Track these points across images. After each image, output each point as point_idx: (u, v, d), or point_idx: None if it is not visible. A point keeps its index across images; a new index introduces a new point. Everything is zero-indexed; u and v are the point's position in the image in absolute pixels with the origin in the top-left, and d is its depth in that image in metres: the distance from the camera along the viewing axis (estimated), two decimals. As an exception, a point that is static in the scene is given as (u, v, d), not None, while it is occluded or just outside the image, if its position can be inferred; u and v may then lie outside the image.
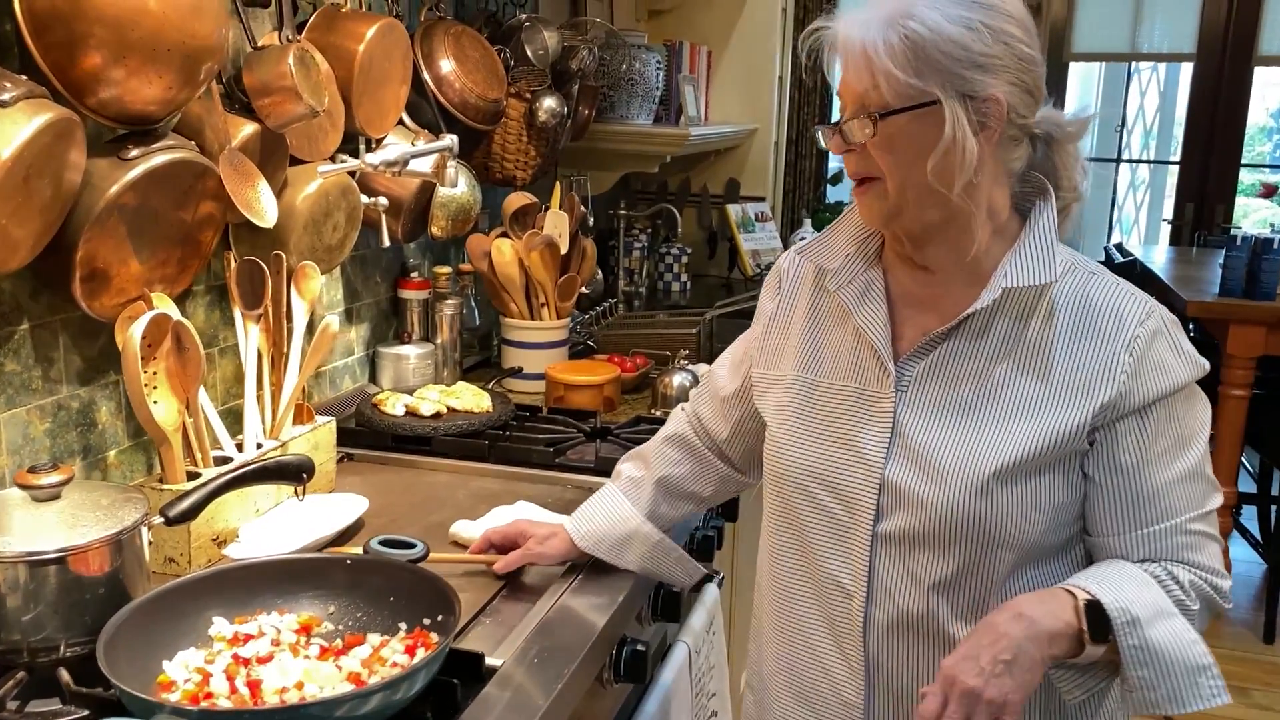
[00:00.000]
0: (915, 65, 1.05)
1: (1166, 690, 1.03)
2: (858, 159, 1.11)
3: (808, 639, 1.21)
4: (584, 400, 2.12)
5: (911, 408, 1.13)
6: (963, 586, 1.11)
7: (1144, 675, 1.03)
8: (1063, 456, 1.09)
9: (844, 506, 1.16)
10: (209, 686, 1.02)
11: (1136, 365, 1.08)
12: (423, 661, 1.02)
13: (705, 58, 3.49)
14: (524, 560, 1.38)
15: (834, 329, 1.22)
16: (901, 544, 1.12)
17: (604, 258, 3.29)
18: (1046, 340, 1.11)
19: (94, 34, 1.24)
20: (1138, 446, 1.09)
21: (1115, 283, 1.14)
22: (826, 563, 1.18)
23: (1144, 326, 1.10)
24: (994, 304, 1.11)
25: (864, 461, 1.14)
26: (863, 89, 1.08)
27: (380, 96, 1.86)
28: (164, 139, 1.39)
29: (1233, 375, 3.44)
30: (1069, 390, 1.09)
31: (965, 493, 1.08)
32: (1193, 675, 1.04)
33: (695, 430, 1.43)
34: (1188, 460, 1.10)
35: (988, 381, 1.11)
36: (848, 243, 1.23)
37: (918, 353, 1.15)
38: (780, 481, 1.22)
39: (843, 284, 1.20)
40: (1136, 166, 6.89)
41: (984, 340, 1.13)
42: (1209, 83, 5.46)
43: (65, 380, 1.44)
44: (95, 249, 1.33)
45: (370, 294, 2.16)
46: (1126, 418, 1.09)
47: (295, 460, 1.31)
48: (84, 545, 1.09)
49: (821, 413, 1.19)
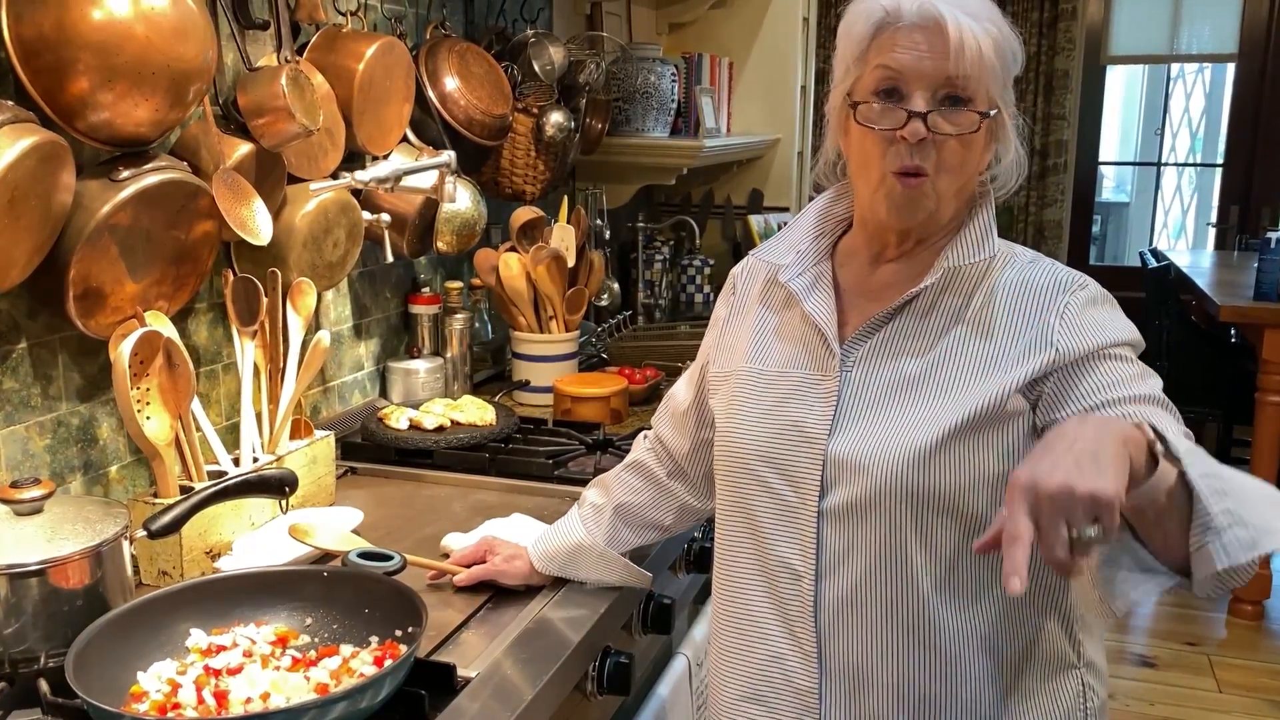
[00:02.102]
0: (1001, 65, 1.08)
1: (1259, 519, 0.87)
2: (923, 151, 1.08)
3: (760, 628, 1.19)
4: (591, 412, 2.13)
5: (855, 386, 1.14)
6: (909, 559, 1.09)
7: (1229, 507, 0.87)
8: (1004, 422, 1.08)
9: (790, 486, 1.15)
10: (176, 697, 1.04)
11: (1070, 327, 1.09)
12: (387, 670, 1.03)
13: (726, 69, 3.49)
14: (485, 575, 1.39)
15: (783, 319, 1.23)
16: (846, 518, 1.11)
17: (625, 270, 3.31)
18: (988, 315, 1.12)
19: (80, 59, 1.28)
20: (1086, 388, 1.07)
21: (1052, 265, 1.15)
22: (776, 546, 1.16)
23: (1076, 295, 1.11)
24: (937, 284, 1.13)
25: (808, 439, 1.14)
26: (959, 75, 1.05)
27: (382, 115, 1.88)
28: (155, 160, 1.43)
29: (1269, 381, 3.36)
30: (1007, 358, 1.09)
31: (904, 459, 1.07)
32: (1273, 504, 0.90)
33: (656, 455, 1.42)
34: (1146, 388, 1.07)
35: (931, 354, 1.12)
36: (800, 240, 1.24)
37: (862, 333, 1.15)
38: (729, 469, 1.22)
39: (793, 276, 1.21)
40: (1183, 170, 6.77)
41: (929, 318, 1.14)
42: (1252, 84, 5.35)
43: (65, 397, 1.47)
44: (88, 268, 1.37)
45: (380, 309, 2.19)
46: (1068, 369, 1.08)
47: (277, 474, 1.33)
48: (63, 558, 1.12)
49: (769, 398, 1.19)
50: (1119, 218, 6.92)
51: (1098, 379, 1.07)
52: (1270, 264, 3.36)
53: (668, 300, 3.32)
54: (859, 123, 1.10)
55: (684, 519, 1.43)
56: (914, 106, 1.07)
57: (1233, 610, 3.64)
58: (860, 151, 1.12)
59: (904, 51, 1.07)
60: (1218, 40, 5.48)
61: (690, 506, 1.41)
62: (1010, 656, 1.13)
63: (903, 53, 1.07)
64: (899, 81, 1.07)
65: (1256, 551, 0.86)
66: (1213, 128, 6.49)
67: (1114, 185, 7.05)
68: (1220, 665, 3.35)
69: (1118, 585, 0.92)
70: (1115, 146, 6.78)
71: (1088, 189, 5.74)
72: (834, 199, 1.26)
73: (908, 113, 1.07)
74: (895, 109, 1.08)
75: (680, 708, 1.69)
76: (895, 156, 1.08)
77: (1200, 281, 3.87)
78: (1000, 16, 1.09)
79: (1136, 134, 7.00)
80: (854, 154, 1.14)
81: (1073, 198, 5.65)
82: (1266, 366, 3.37)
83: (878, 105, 1.09)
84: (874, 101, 1.09)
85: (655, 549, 1.52)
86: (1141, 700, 3.17)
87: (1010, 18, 1.11)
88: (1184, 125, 6.65)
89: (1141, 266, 4.24)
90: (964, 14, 1.05)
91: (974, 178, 1.14)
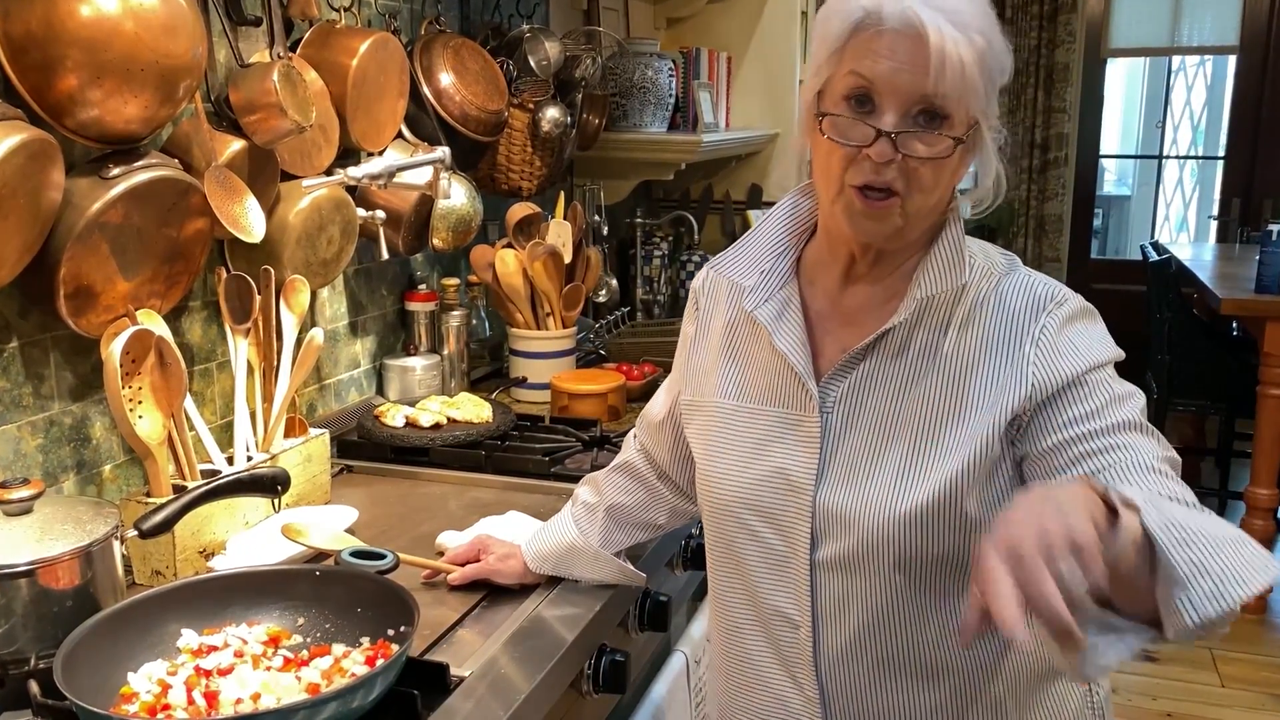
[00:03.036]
0: (985, 80, 0.99)
1: (1221, 568, 0.82)
2: (892, 169, 1.00)
3: (759, 672, 1.18)
4: (588, 409, 2.12)
5: (837, 431, 1.09)
6: (908, 608, 1.08)
7: (1193, 556, 0.81)
8: (987, 471, 1.04)
9: (780, 536, 1.12)
10: (166, 697, 1.03)
11: (1046, 355, 1.03)
12: (378, 670, 1.02)
13: (725, 64, 3.48)
14: (479, 574, 1.38)
15: (753, 350, 1.17)
16: (840, 570, 1.09)
17: (624, 266, 3.30)
18: (964, 351, 1.06)
19: (69, 56, 1.27)
20: (1064, 419, 1.02)
21: (1029, 276, 1.09)
22: (770, 595, 1.14)
23: (1052, 316, 1.05)
24: (910, 317, 1.07)
25: (794, 488, 1.10)
26: (937, 93, 0.97)
27: (376, 111, 1.87)
28: (146, 157, 1.42)
29: (1271, 374, 3.35)
30: (986, 401, 1.04)
31: (895, 518, 1.04)
32: (1236, 547, 0.84)
33: (644, 459, 1.40)
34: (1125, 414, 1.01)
35: (910, 401, 1.07)
36: (763, 256, 1.16)
37: (839, 372, 1.10)
38: (715, 512, 1.18)
39: (759, 303, 1.13)
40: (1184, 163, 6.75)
41: (903, 358, 1.08)
42: (1254, 76, 5.33)
43: (57, 397, 1.46)
44: (78, 267, 1.36)
45: (376, 307, 2.18)
46: (1045, 402, 1.03)
47: (270, 472, 1.33)
48: (53, 558, 1.11)
49: (748, 438, 1.14)
50: (1120, 211, 6.91)
51: (1075, 410, 1.02)
52: (1271, 257, 3.34)
53: (666, 296, 3.31)
54: (825, 134, 1.02)
55: (677, 518, 1.41)
56: (884, 123, 0.99)
57: (1236, 604, 3.63)
58: (823, 160, 1.04)
59: (880, 60, 0.98)
60: (1219, 32, 5.45)
61: (683, 507, 1.40)
62: (1019, 675, 1.12)
63: (878, 61, 0.98)
64: (871, 91, 0.99)
65: (1223, 603, 0.81)
66: (1214, 120, 6.47)
67: (1115, 178, 7.04)
68: (1223, 659, 3.34)
69: (1088, 652, 0.83)
70: (1116, 140, 6.77)
71: (1089, 182, 5.72)
72: (795, 202, 1.18)
73: (876, 130, 0.98)
74: (864, 124, 0.99)
75: (678, 705, 1.68)
76: (858, 172, 1.01)
77: (1201, 274, 3.86)
78: (993, 23, 1.01)
79: (1138, 127, 6.98)
80: (817, 159, 1.06)
81: (1074, 191, 5.63)
82: (1268, 359, 3.36)
83: (845, 116, 1.01)
84: (842, 111, 1.01)
85: (651, 547, 1.51)
86: (1144, 695, 3.16)
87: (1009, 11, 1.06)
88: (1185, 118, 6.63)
89: (1143, 260, 4.23)
90: (951, 24, 0.96)
91: (948, 194, 1.06)
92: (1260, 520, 3.59)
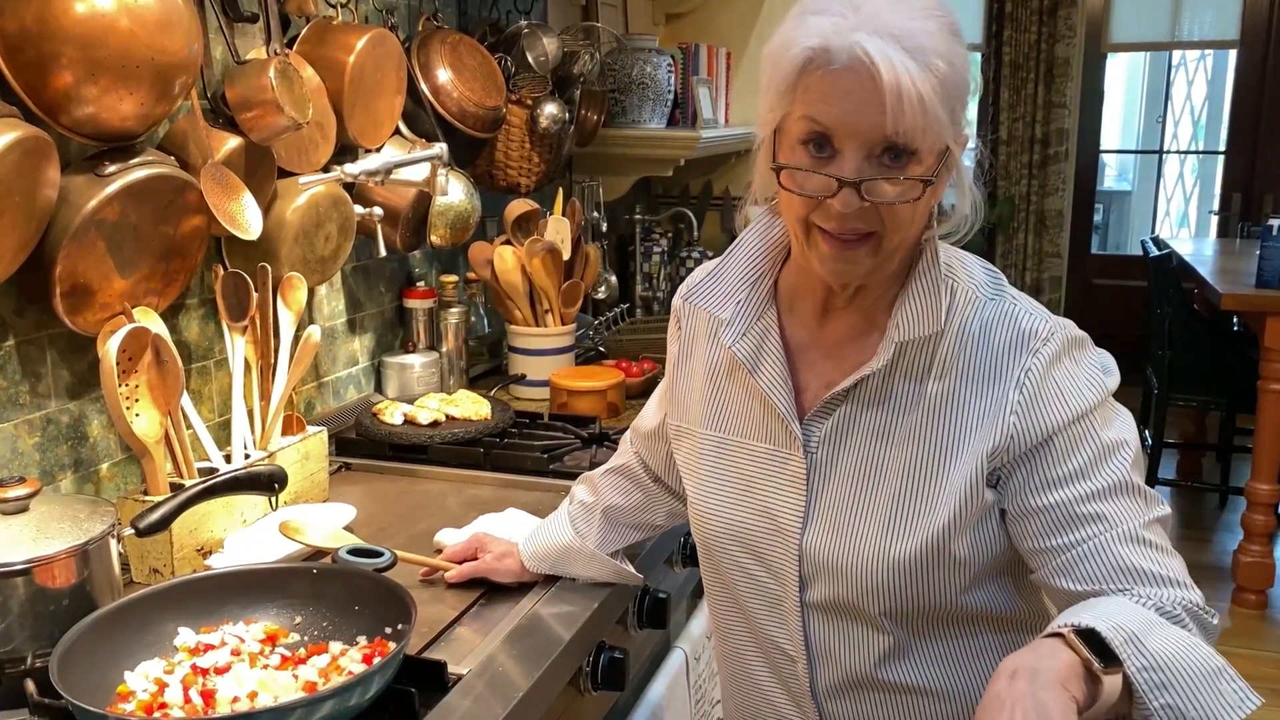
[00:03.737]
0: (949, 106, 0.92)
1: (1197, 711, 0.86)
2: (864, 215, 0.94)
3: (764, 694, 1.19)
4: (587, 406, 2.12)
5: (822, 473, 1.07)
6: (902, 647, 1.08)
7: (1169, 701, 0.86)
8: (977, 513, 1.02)
9: (771, 575, 1.12)
10: (163, 696, 1.03)
11: (1029, 402, 0.99)
12: (375, 668, 1.02)
13: (724, 59, 3.47)
14: (477, 573, 1.38)
15: (734, 385, 1.14)
16: (831, 613, 1.09)
17: (623, 263, 3.29)
18: (946, 396, 1.02)
19: (64, 53, 1.26)
20: (1047, 479, 0.99)
21: (1014, 306, 1.03)
22: (765, 628, 1.14)
23: (1038, 356, 1.00)
24: (890, 362, 1.03)
25: (781, 531, 1.09)
26: (898, 132, 0.90)
27: (374, 107, 1.87)
28: (142, 154, 1.41)
29: (1271, 369, 3.34)
30: (970, 446, 1.01)
31: (881, 570, 1.03)
32: (1214, 682, 0.89)
33: (641, 461, 1.39)
34: (1110, 473, 0.99)
35: (895, 445, 1.04)
36: (738, 286, 1.12)
37: (821, 412, 1.07)
38: (707, 546, 1.18)
39: (737, 337, 1.10)
40: (1185, 157, 6.74)
41: (886, 406, 1.05)
42: (1254, 70, 5.32)
43: (54, 395, 1.46)
44: (75, 264, 1.35)
45: (374, 304, 2.18)
46: (1026, 455, 1.00)
47: (267, 470, 1.32)
48: (49, 556, 1.11)
49: (735, 474, 1.13)
50: (1121, 206, 6.90)
51: (1059, 470, 0.99)
52: (1272, 251, 3.33)
53: (666, 293, 3.30)
54: (784, 187, 0.96)
55: (675, 518, 1.41)
56: (845, 172, 0.92)
57: (1237, 600, 3.63)
58: (788, 208, 0.98)
59: (833, 102, 0.91)
60: (1219, 26, 5.45)
61: (680, 509, 1.39)
62: None
63: (831, 104, 0.91)
64: (828, 135, 0.93)
65: None
66: (1215, 115, 6.46)
67: (1116, 173, 7.03)
68: (1224, 654, 3.33)
69: None
70: (1117, 134, 6.76)
71: (1089, 177, 5.72)
72: (768, 223, 1.12)
73: (838, 181, 0.92)
74: (823, 174, 0.93)
75: (678, 703, 1.68)
76: (825, 216, 0.95)
77: (1202, 269, 3.85)
78: (951, 40, 0.93)
79: (1138, 122, 6.97)
80: (783, 199, 0.99)
81: (1074, 186, 5.63)
82: (1268, 354, 3.35)
83: (804, 169, 0.94)
84: (800, 160, 0.95)
85: (649, 544, 1.51)
86: (1145, 690, 3.15)
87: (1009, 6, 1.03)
88: (1186, 112, 6.62)
89: (1143, 255, 4.22)
90: (904, 53, 0.89)
91: (922, 227, 1.01)
92: (1261, 515, 3.58)
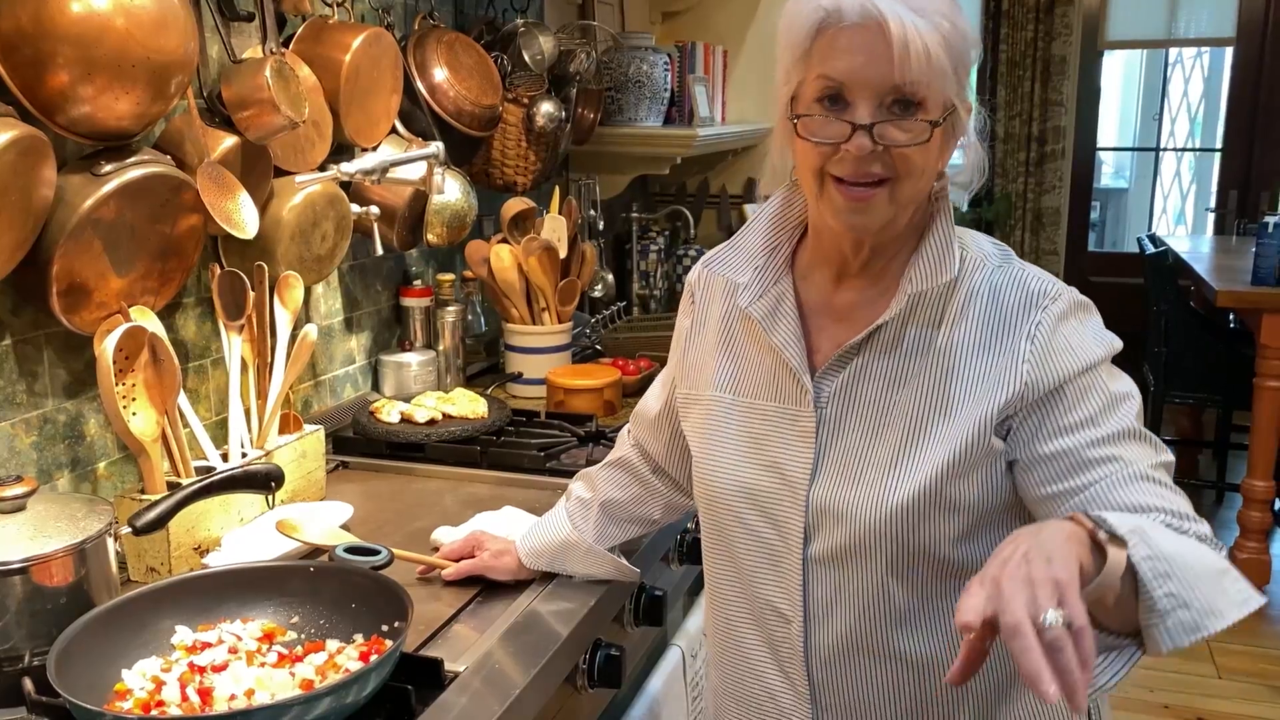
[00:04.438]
0: (954, 63, 0.99)
1: (1200, 602, 0.86)
2: (876, 161, 1.00)
3: (751, 666, 1.19)
4: (584, 404, 2.12)
5: (832, 426, 1.10)
6: (896, 603, 1.08)
7: (1172, 590, 0.85)
8: (980, 459, 1.04)
9: (775, 530, 1.13)
10: (160, 694, 1.03)
11: (1041, 352, 1.03)
12: (372, 666, 1.02)
13: (720, 58, 3.47)
14: (474, 570, 1.38)
15: (748, 345, 1.17)
16: (832, 565, 1.09)
17: (620, 261, 3.30)
18: (956, 345, 1.06)
19: (60, 52, 1.27)
20: (1058, 426, 1.02)
21: (1022, 270, 1.09)
22: (762, 589, 1.15)
23: (1047, 312, 1.04)
24: (903, 312, 1.07)
25: (789, 484, 1.11)
26: (905, 81, 0.97)
27: (370, 106, 1.87)
28: (139, 154, 1.42)
29: (1267, 366, 3.35)
30: (980, 393, 1.04)
31: (887, 511, 1.05)
32: (1218, 580, 0.89)
33: (639, 453, 1.40)
34: (1119, 420, 1.02)
35: (903, 395, 1.07)
36: (757, 252, 1.16)
37: (833, 367, 1.10)
38: (711, 505, 1.19)
39: (754, 299, 1.14)
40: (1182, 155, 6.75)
41: (896, 353, 1.08)
42: (1250, 67, 5.32)
43: (51, 394, 1.46)
44: (71, 263, 1.36)
45: (371, 302, 2.18)
46: (1038, 404, 1.03)
47: (264, 469, 1.33)
48: (46, 555, 1.11)
49: (745, 432, 1.15)
50: (1118, 204, 6.90)
51: (1070, 417, 1.02)
52: (1267, 248, 3.34)
53: (663, 291, 3.30)
54: (801, 136, 1.03)
55: (672, 512, 1.42)
56: (858, 118, 0.99)
57: (1232, 596, 3.63)
58: (804, 159, 1.04)
59: (845, 57, 0.98)
60: (1215, 24, 5.44)
61: (677, 502, 1.40)
62: (1007, 672, 1.13)
63: (844, 58, 0.99)
64: (841, 90, 1.00)
65: (1199, 634, 0.85)
66: (1211, 112, 6.46)
67: (1113, 171, 7.03)
68: (1220, 651, 3.35)
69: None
70: (1114, 132, 6.76)
71: (1086, 175, 5.71)
72: (786, 203, 1.18)
73: (852, 125, 0.99)
74: (838, 120, 1.00)
75: (674, 700, 1.68)
76: (839, 164, 1.01)
77: (1198, 267, 3.86)
78: (952, 4, 1.01)
79: (1135, 119, 6.97)
80: (799, 160, 1.06)
81: (1071, 184, 5.63)
82: (1264, 351, 3.36)
83: (819, 116, 1.01)
84: (816, 112, 1.02)
85: (646, 541, 1.51)
86: (1141, 687, 3.17)
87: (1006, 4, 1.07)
88: (1183, 110, 6.62)
89: (1140, 252, 4.23)
90: (909, 10, 0.96)
91: (933, 179, 1.06)
92: (1257, 512, 3.59)
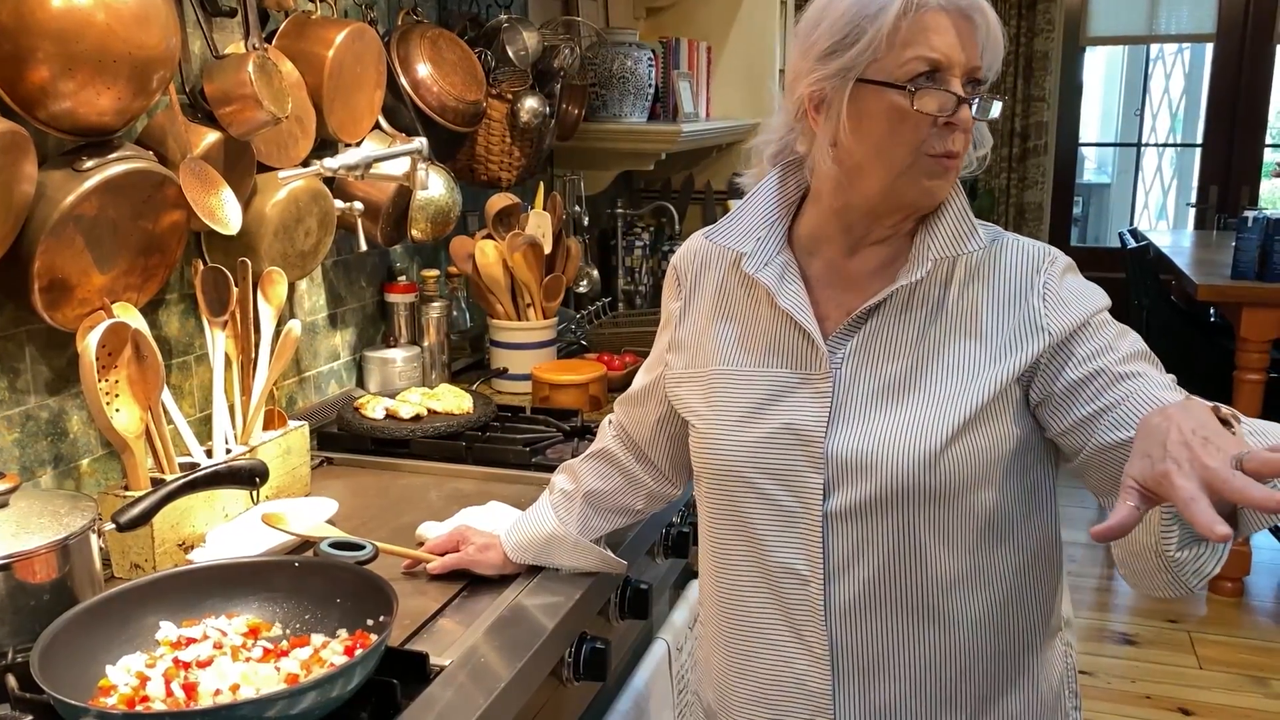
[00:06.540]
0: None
1: None
2: (964, 135, 1.08)
3: (764, 634, 1.18)
4: (569, 400, 2.12)
5: (848, 384, 1.12)
6: (924, 553, 1.09)
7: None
8: (1001, 409, 1.09)
9: (789, 491, 1.12)
10: (145, 690, 1.03)
11: (1055, 305, 1.10)
12: (357, 660, 1.02)
13: (705, 54, 3.47)
14: (459, 564, 1.38)
15: (751, 312, 1.19)
16: (854, 519, 1.10)
17: (605, 257, 3.30)
18: (969, 304, 1.12)
19: (40, 48, 1.26)
20: (1084, 354, 1.08)
21: (1015, 240, 1.16)
22: (777, 552, 1.14)
23: (1051, 270, 1.12)
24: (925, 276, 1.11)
25: (804, 441, 1.11)
26: (985, 63, 1.07)
27: (353, 102, 1.87)
28: (120, 149, 1.41)
29: (1247, 359, 3.38)
30: (998, 348, 1.10)
31: (913, 459, 1.07)
32: None
33: (622, 442, 1.40)
34: (1133, 344, 1.09)
35: (920, 350, 1.11)
36: (757, 226, 1.19)
37: (847, 328, 1.13)
38: (717, 476, 1.18)
39: (759, 266, 1.16)
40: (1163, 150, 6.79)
41: (911, 311, 1.12)
42: (1230, 63, 5.36)
43: (33, 391, 1.46)
44: (53, 260, 1.35)
45: (355, 298, 2.17)
46: (1061, 345, 1.09)
47: (248, 465, 1.32)
48: (29, 552, 1.11)
49: (750, 399, 1.16)
50: (1100, 199, 6.94)
51: (1089, 346, 1.08)
52: (1247, 243, 3.37)
53: (648, 287, 3.31)
54: (915, 108, 1.04)
55: (655, 502, 1.42)
56: (957, 92, 1.05)
57: (1213, 587, 3.66)
58: (890, 134, 1.06)
59: (943, 36, 1.04)
60: (1196, 20, 5.48)
61: (660, 491, 1.40)
62: (1019, 631, 1.15)
63: (942, 37, 1.04)
64: (939, 66, 1.04)
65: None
66: (1192, 108, 6.50)
67: (1095, 166, 7.07)
68: (1201, 642, 3.38)
69: (1192, 563, 0.91)
70: (1096, 128, 6.79)
71: (1068, 170, 5.75)
72: (782, 177, 1.20)
73: (957, 98, 1.05)
74: (943, 92, 1.04)
75: (660, 693, 1.69)
76: (938, 139, 1.06)
77: (1179, 261, 3.89)
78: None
79: (1117, 115, 7.01)
80: (872, 137, 1.07)
81: (1053, 179, 5.66)
82: (1244, 344, 3.39)
83: (924, 90, 1.04)
84: (920, 86, 1.04)
85: (632, 534, 1.52)
86: (1123, 678, 3.19)
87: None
88: (1164, 106, 6.66)
89: (1122, 247, 4.25)
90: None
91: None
92: (1238, 504, 3.62)
